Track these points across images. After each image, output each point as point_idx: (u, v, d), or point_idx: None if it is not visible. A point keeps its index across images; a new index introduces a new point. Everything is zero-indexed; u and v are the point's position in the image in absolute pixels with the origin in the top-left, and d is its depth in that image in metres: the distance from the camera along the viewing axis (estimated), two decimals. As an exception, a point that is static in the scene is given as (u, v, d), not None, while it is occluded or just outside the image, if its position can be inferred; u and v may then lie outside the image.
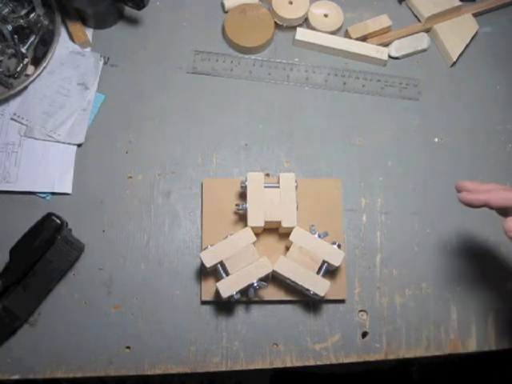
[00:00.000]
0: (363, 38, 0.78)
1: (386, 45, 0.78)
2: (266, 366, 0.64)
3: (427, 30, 0.80)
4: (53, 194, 0.69)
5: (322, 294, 0.61)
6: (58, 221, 0.62)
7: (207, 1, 0.80)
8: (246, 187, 0.65)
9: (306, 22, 0.79)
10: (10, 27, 0.71)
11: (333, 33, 0.78)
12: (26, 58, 0.72)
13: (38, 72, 0.71)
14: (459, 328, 0.66)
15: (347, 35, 0.78)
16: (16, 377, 0.62)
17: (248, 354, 0.64)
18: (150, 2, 0.73)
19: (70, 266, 0.65)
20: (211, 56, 0.76)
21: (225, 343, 0.65)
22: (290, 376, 0.94)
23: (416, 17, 0.80)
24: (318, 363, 0.65)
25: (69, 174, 0.69)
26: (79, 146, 0.71)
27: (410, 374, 1.00)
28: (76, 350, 0.63)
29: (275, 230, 0.67)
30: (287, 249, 0.65)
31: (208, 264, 0.61)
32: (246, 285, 0.61)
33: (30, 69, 0.72)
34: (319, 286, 0.61)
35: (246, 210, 0.64)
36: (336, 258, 0.63)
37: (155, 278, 0.67)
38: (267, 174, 0.71)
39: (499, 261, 0.69)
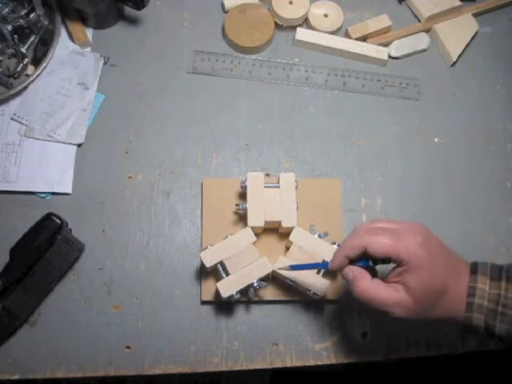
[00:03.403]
0: (363, 38, 0.78)
1: (386, 45, 0.78)
2: (266, 365, 0.64)
3: (427, 30, 0.79)
4: (53, 193, 0.69)
5: (321, 294, 0.61)
6: (58, 221, 0.62)
7: (207, 1, 0.80)
8: (246, 187, 0.65)
9: (305, 21, 0.79)
10: (10, 27, 0.71)
11: (333, 33, 0.78)
12: (26, 57, 0.72)
13: (37, 72, 0.71)
14: (459, 328, 0.66)
15: (347, 35, 0.78)
16: (16, 377, 0.62)
17: (248, 353, 0.64)
18: (150, 2, 0.73)
19: (69, 266, 0.65)
20: (211, 56, 0.76)
21: (225, 343, 0.65)
22: (290, 376, 0.94)
23: (416, 17, 0.80)
24: (318, 363, 0.65)
25: (69, 173, 0.69)
26: (79, 146, 0.71)
27: (410, 374, 1.00)
28: (76, 350, 0.63)
29: (275, 230, 0.67)
30: (287, 249, 0.65)
31: (208, 264, 0.61)
32: (245, 285, 0.61)
33: (30, 69, 0.72)
34: (319, 286, 0.61)
35: (245, 209, 0.64)
36: (336, 258, 0.63)
37: (155, 278, 0.66)
38: (267, 174, 0.71)
39: (499, 261, 0.69)
